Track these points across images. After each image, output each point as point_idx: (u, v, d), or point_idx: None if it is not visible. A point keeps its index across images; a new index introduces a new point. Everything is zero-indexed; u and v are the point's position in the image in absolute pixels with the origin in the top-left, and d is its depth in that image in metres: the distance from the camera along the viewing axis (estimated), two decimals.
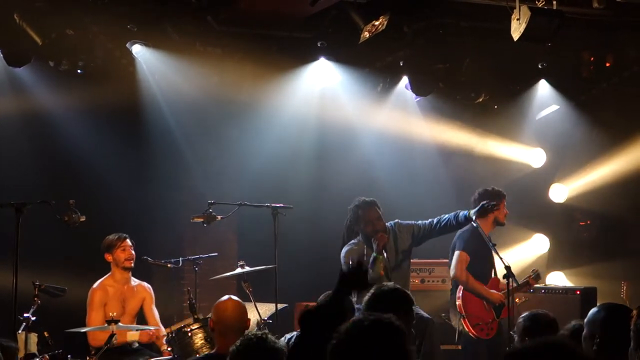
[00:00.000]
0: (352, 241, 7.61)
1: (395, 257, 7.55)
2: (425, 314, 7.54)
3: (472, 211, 7.45)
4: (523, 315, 5.55)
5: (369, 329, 3.11)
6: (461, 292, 8.15)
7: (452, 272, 8.18)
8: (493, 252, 7.86)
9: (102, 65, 8.46)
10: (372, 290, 4.86)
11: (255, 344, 4.22)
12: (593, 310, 4.34)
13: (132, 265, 8.04)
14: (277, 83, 9.30)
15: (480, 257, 8.18)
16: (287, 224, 8.25)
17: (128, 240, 8.03)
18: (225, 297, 5.50)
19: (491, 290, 8.14)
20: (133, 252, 8.04)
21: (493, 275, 8.28)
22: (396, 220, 7.72)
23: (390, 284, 5.20)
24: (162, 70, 8.81)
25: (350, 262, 3.63)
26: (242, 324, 5.37)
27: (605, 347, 4.13)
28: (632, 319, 3.93)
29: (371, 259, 7.30)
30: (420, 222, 7.69)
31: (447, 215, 7.55)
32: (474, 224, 7.79)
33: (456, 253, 8.16)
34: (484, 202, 7.56)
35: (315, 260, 9.39)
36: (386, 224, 7.62)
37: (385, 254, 7.33)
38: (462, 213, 7.51)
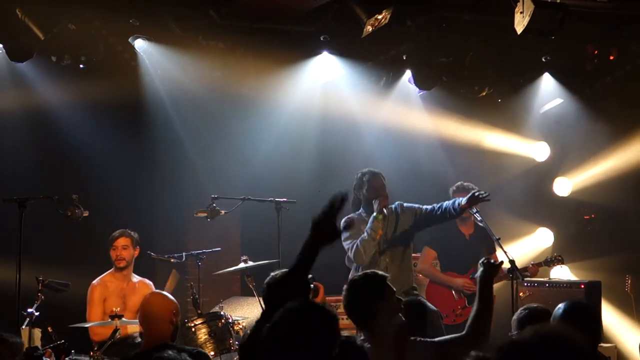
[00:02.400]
0: (353, 214, 7.61)
1: (394, 238, 7.54)
2: (432, 306, 7.54)
3: (463, 200, 7.40)
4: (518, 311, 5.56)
5: (301, 313, 3.32)
6: (426, 284, 8.67)
7: (418, 266, 8.65)
8: (497, 246, 7.86)
9: (104, 60, 8.45)
10: None
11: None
12: (558, 306, 4.45)
13: (124, 265, 8.05)
14: (280, 77, 9.29)
15: (453, 249, 8.33)
16: (290, 218, 8.24)
17: (125, 239, 8.03)
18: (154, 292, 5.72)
19: (455, 278, 8.39)
20: (128, 252, 8.05)
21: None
22: (399, 202, 7.72)
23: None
24: (164, 65, 8.79)
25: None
26: (165, 314, 5.42)
27: None
28: None
29: (371, 218, 7.33)
30: (423, 206, 7.71)
31: (447, 203, 7.55)
32: (477, 217, 7.81)
33: (424, 248, 8.65)
34: (475, 190, 7.50)
35: (319, 254, 9.35)
36: (390, 205, 7.64)
37: (385, 212, 7.35)
38: (457, 201, 7.48)
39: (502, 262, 4.94)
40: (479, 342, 4.62)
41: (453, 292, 8.49)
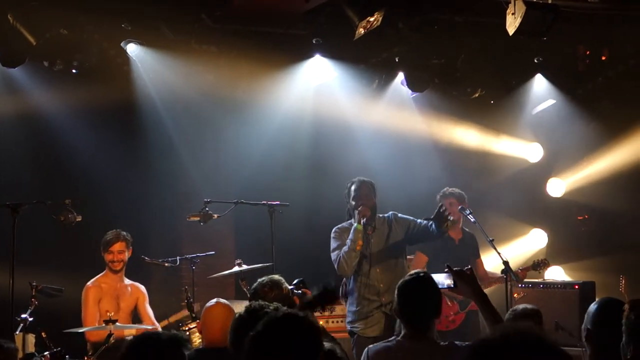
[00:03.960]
0: (344, 223, 7.60)
1: (385, 248, 7.51)
2: None
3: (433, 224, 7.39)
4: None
5: (281, 321, 3.33)
6: None
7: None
8: (491, 247, 7.87)
9: (96, 64, 8.45)
10: None
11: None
12: (593, 303, 4.39)
13: (120, 268, 8.02)
14: (273, 80, 9.28)
15: (443, 254, 8.29)
16: (283, 221, 8.24)
17: (120, 244, 8.00)
18: (214, 301, 5.59)
19: None
20: (124, 255, 8.02)
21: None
22: (394, 212, 7.70)
23: None
24: (157, 69, 8.78)
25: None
26: (228, 323, 5.54)
27: (593, 339, 4.17)
28: (624, 313, 3.94)
29: (352, 229, 7.34)
30: (418, 220, 7.67)
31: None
32: (471, 218, 7.86)
33: (415, 253, 8.51)
34: (439, 207, 7.37)
35: (312, 257, 9.36)
36: (384, 215, 7.62)
37: (363, 222, 7.30)
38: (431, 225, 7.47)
39: (470, 268, 4.88)
40: None
41: (446, 297, 8.37)
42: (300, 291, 5.82)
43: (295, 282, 5.90)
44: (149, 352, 3.68)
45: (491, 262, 8.69)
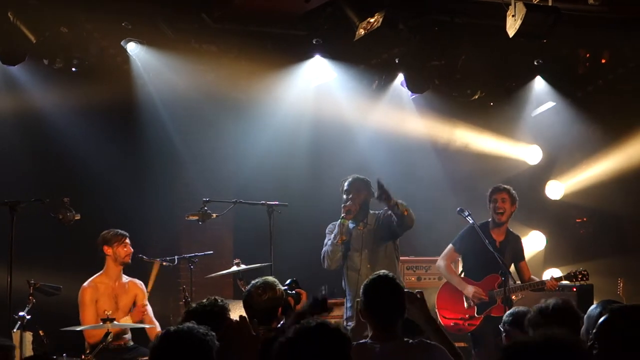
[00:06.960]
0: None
1: (375, 245, 7.58)
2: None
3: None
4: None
5: (315, 333, 3.31)
6: (440, 285, 8.46)
7: (438, 261, 8.47)
8: (492, 250, 7.83)
9: (96, 63, 8.45)
10: None
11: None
12: (592, 306, 4.36)
13: (129, 261, 8.03)
14: (273, 80, 9.29)
15: (474, 255, 8.19)
16: (282, 221, 8.24)
17: (128, 240, 8.02)
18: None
19: (467, 285, 8.15)
20: (131, 249, 8.04)
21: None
22: (385, 210, 7.77)
23: None
24: (157, 68, 8.79)
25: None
26: None
27: (601, 344, 4.14)
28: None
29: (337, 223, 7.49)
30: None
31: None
32: (470, 219, 7.85)
33: (449, 245, 8.36)
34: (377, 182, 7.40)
35: (311, 257, 9.37)
36: (378, 211, 7.67)
37: (344, 215, 7.45)
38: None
39: (421, 292, 4.83)
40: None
41: (464, 298, 8.25)
42: (294, 292, 5.80)
43: (287, 282, 5.87)
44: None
45: None
